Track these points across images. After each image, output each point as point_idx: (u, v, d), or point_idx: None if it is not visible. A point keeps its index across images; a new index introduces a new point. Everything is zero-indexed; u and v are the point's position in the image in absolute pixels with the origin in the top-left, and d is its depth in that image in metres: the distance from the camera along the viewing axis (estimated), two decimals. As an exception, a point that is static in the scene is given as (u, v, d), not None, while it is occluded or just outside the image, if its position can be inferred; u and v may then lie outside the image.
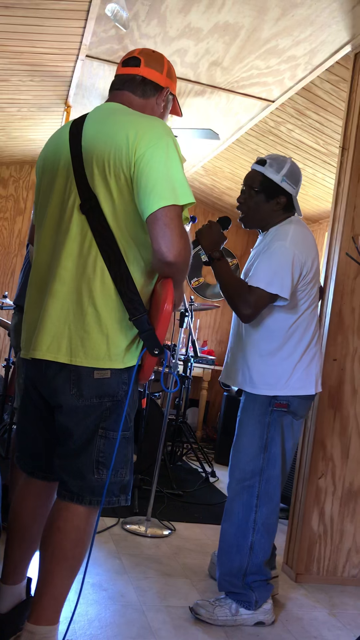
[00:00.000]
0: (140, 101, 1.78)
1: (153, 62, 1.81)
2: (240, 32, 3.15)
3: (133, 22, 3.20)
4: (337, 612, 2.52)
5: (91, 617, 2.14)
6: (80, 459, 1.64)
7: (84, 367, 1.61)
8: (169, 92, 1.85)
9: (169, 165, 1.59)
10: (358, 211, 2.91)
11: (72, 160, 1.67)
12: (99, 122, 1.69)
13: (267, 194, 2.33)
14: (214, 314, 6.81)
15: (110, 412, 1.65)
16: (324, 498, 2.85)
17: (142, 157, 1.58)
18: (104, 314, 1.61)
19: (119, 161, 1.59)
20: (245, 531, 2.25)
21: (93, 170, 1.62)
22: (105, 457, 1.65)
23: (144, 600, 2.34)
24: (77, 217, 1.63)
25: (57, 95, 4.34)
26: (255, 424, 2.27)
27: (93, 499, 1.64)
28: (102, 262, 1.61)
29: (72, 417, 1.64)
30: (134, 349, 1.67)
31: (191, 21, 3.12)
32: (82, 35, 3.35)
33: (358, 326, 2.90)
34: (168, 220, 1.55)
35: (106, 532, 3.01)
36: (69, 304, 1.62)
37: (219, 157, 5.32)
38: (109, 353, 1.62)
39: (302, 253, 2.23)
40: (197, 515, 3.57)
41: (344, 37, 3.04)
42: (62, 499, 1.65)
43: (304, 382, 2.27)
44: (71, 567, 1.64)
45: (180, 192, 1.58)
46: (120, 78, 1.81)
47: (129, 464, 1.71)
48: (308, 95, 3.80)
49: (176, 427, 4.74)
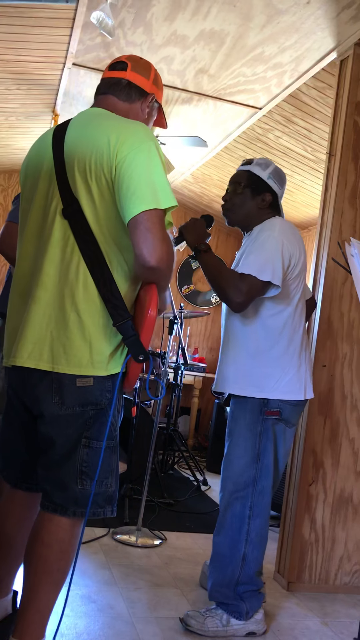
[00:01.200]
0: (124, 105, 1.77)
1: (140, 68, 1.80)
2: (226, 40, 3.16)
3: (119, 30, 3.20)
4: (329, 621, 2.50)
5: (80, 629, 2.11)
6: (63, 469, 1.61)
7: (66, 375, 1.58)
8: (154, 99, 1.83)
9: (150, 169, 1.57)
10: (345, 217, 2.91)
11: (55, 165, 1.65)
12: (82, 127, 1.68)
13: (253, 190, 2.32)
14: (204, 321, 6.80)
15: (94, 420, 1.62)
16: (315, 505, 2.83)
17: (123, 160, 1.56)
18: (86, 320, 1.58)
19: (100, 165, 1.58)
20: (237, 542, 2.20)
21: (75, 175, 1.61)
22: (89, 467, 1.61)
23: (133, 611, 2.30)
24: (59, 222, 1.61)
25: (44, 104, 4.34)
26: (247, 434, 2.21)
27: (77, 510, 1.61)
28: (84, 267, 1.59)
29: (55, 426, 1.61)
30: (118, 355, 1.64)
31: (177, 29, 3.13)
32: (68, 43, 3.35)
33: (347, 332, 2.90)
34: (150, 225, 1.53)
35: (96, 543, 2.98)
36: (51, 310, 1.59)
37: (208, 165, 5.33)
38: (92, 360, 1.59)
39: (291, 243, 2.19)
40: (189, 524, 3.54)
41: (329, 44, 3.06)
42: (46, 511, 1.62)
43: (294, 386, 2.21)
44: (56, 580, 1.60)
45: (162, 196, 1.56)
46: (106, 82, 1.80)
47: (114, 473, 1.67)
48: (295, 102, 3.81)
49: (167, 436, 4.71)
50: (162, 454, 4.70)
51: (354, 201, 2.93)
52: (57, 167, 1.64)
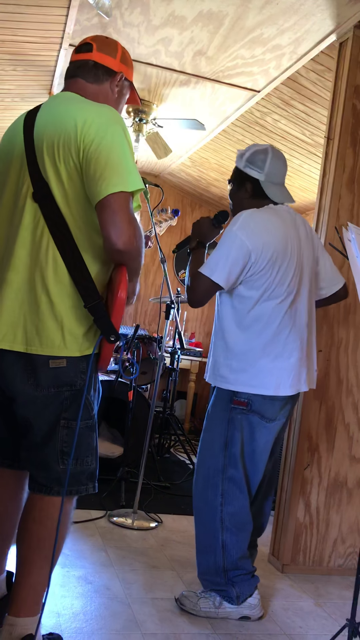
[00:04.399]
0: (93, 87, 1.76)
1: (105, 47, 1.79)
2: (225, 21, 3.12)
3: (116, 11, 3.16)
4: (322, 602, 2.53)
5: (76, 610, 2.13)
6: (44, 451, 1.65)
7: (40, 356, 1.61)
8: (123, 78, 1.82)
9: (117, 151, 1.58)
10: (343, 202, 2.90)
11: (25, 149, 1.67)
12: (51, 112, 1.69)
13: (236, 183, 2.33)
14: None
15: (71, 401, 1.65)
16: (310, 489, 2.85)
17: (90, 143, 1.57)
18: (57, 302, 1.61)
19: (67, 148, 1.59)
20: (214, 531, 2.21)
21: (44, 158, 1.62)
22: (70, 447, 1.65)
23: (129, 592, 2.33)
24: (29, 205, 1.63)
25: (40, 85, 4.29)
26: (217, 420, 2.23)
27: (61, 489, 1.65)
28: (54, 249, 1.61)
29: (31, 408, 1.64)
30: (91, 336, 1.66)
31: (175, 9, 3.09)
32: (64, 23, 3.31)
33: (343, 317, 2.90)
34: (117, 207, 1.54)
35: (92, 525, 3.00)
36: (23, 293, 1.61)
37: (205, 148, 5.29)
38: (64, 341, 1.62)
39: (250, 238, 2.12)
40: (184, 507, 3.56)
41: (328, 26, 3.02)
42: (32, 491, 1.67)
43: (262, 380, 2.15)
44: (47, 557, 1.64)
45: (129, 179, 1.57)
46: (73, 65, 1.79)
47: (94, 452, 1.72)
48: (294, 85, 3.78)
49: (163, 419, 4.73)
50: (159, 437, 4.72)
51: (352, 186, 2.92)
52: (28, 152, 1.66)
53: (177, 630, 2.10)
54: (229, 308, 2.22)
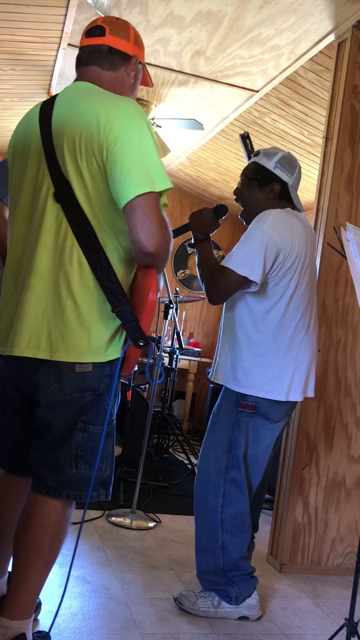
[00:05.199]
0: (109, 75, 1.69)
1: (118, 30, 1.70)
2: (223, 21, 3.12)
3: (115, 10, 3.15)
4: (320, 602, 2.53)
5: (75, 610, 2.13)
6: (58, 452, 1.61)
7: (65, 362, 1.57)
8: (137, 61, 1.75)
9: (142, 149, 1.52)
10: (341, 202, 2.91)
11: (43, 146, 1.60)
12: (69, 104, 1.62)
13: (260, 181, 2.27)
14: (200, 305, 6.80)
15: (91, 405, 1.62)
16: (308, 488, 2.86)
17: (114, 142, 1.51)
18: (83, 307, 1.56)
19: (90, 146, 1.53)
20: (214, 532, 2.21)
21: (65, 157, 1.56)
22: (84, 451, 1.61)
23: (128, 592, 2.33)
24: (51, 205, 1.57)
25: (39, 85, 4.29)
26: (222, 422, 2.22)
27: (71, 493, 1.62)
28: (79, 252, 1.55)
29: (52, 410, 1.60)
30: (116, 341, 1.62)
31: (173, 9, 3.08)
32: (63, 23, 3.30)
33: (342, 317, 2.91)
34: (147, 209, 1.49)
35: (91, 525, 3.00)
36: (47, 297, 1.56)
37: (204, 148, 5.29)
38: (91, 347, 1.57)
39: (281, 237, 2.11)
40: (183, 507, 3.56)
41: (327, 26, 3.03)
42: (39, 493, 1.62)
43: (274, 385, 2.15)
44: (47, 562, 1.62)
45: (157, 178, 1.52)
46: (86, 50, 1.71)
47: (109, 458, 1.67)
48: (292, 85, 3.78)
49: (162, 419, 4.73)
50: (157, 437, 4.72)
51: (350, 186, 2.92)
52: (46, 148, 1.59)
53: (175, 630, 2.10)
54: (246, 309, 2.19)
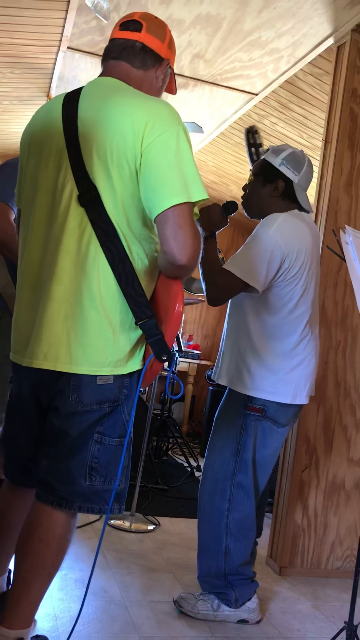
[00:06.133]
0: (138, 73, 1.61)
1: (155, 29, 1.62)
2: (223, 24, 3.13)
3: (114, 13, 3.16)
4: (320, 605, 2.53)
5: (73, 613, 2.13)
6: (71, 462, 1.54)
7: (86, 375, 1.51)
8: (168, 65, 1.68)
9: (180, 157, 1.44)
10: (341, 205, 2.91)
11: (67, 146, 1.50)
12: (98, 102, 1.51)
13: (264, 177, 2.23)
14: (199, 308, 6.81)
15: (109, 417, 1.55)
16: (308, 491, 2.85)
17: (149, 147, 1.43)
18: (107, 317, 1.48)
19: (123, 150, 1.44)
20: (218, 536, 2.20)
21: (93, 159, 1.47)
22: (99, 463, 1.55)
23: (127, 595, 2.33)
24: (74, 209, 1.48)
25: (38, 88, 4.29)
26: (229, 425, 2.20)
27: (83, 505, 1.55)
28: (103, 260, 1.47)
29: (69, 420, 1.54)
30: (137, 353, 1.56)
31: (173, 12, 3.09)
32: (62, 26, 3.31)
33: (341, 319, 2.91)
34: (181, 221, 1.41)
35: (90, 528, 3.00)
36: (68, 306, 1.48)
37: (204, 151, 5.30)
38: (112, 359, 1.51)
39: (287, 244, 2.09)
40: (182, 509, 3.56)
41: (326, 30, 3.03)
42: (47, 504, 1.54)
43: (281, 388, 2.15)
44: (50, 574, 1.57)
45: (193, 188, 1.43)
46: (118, 44, 1.61)
47: (125, 470, 1.60)
48: (291, 88, 3.79)
49: (161, 422, 4.73)
50: (157, 440, 4.72)
51: (350, 189, 2.92)
52: (71, 149, 1.50)
53: (174, 633, 2.09)
54: (253, 312, 2.17)
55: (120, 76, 1.60)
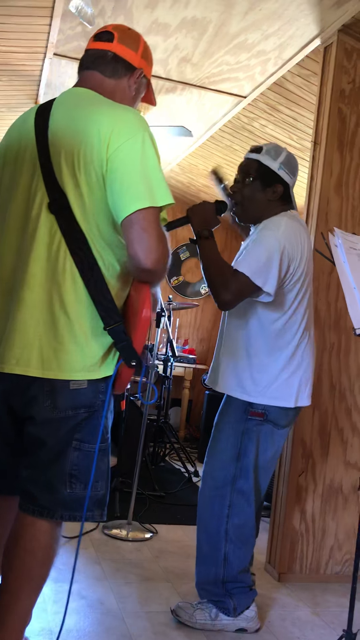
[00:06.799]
0: (110, 82, 1.64)
1: (128, 39, 1.66)
2: (209, 27, 3.12)
3: (99, 19, 3.15)
4: (320, 611, 2.50)
5: (69, 626, 2.10)
6: (51, 471, 1.54)
7: (59, 380, 1.51)
8: (142, 75, 1.69)
9: (145, 162, 1.47)
10: (331, 206, 2.89)
11: (39, 154, 1.54)
12: (68, 111, 1.56)
13: (263, 182, 2.19)
14: (194, 312, 6.78)
15: (86, 423, 1.55)
16: (305, 496, 2.83)
17: (115, 153, 1.46)
18: (77, 323, 1.50)
19: (89, 157, 1.47)
20: (217, 542, 2.17)
21: (61, 166, 1.50)
22: (79, 470, 1.55)
23: (124, 606, 2.30)
24: (45, 216, 1.51)
25: (26, 95, 4.27)
26: (230, 431, 2.17)
27: (64, 513, 1.55)
28: (72, 266, 1.49)
29: (46, 428, 1.54)
30: (110, 357, 1.56)
31: (158, 17, 3.08)
32: (48, 33, 3.29)
33: (334, 321, 2.89)
34: (146, 224, 1.44)
35: (86, 538, 2.97)
36: (39, 312, 1.50)
37: (194, 155, 5.28)
38: (84, 363, 1.52)
39: (293, 248, 2.08)
40: (180, 516, 3.53)
41: (312, 31, 3.02)
42: (31, 514, 1.54)
43: (282, 392, 2.13)
44: (37, 585, 1.56)
45: (158, 193, 1.47)
46: (90, 54, 1.67)
47: (105, 476, 1.60)
48: (280, 90, 3.77)
49: (157, 428, 4.70)
50: (153, 446, 4.69)
51: (340, 190, 2.91)
52: (42, 157, 1.53)
53: (172, 644, 2.07)
54: (254, 317, 2.15)
55: (92, 86, 1.64)
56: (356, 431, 2.91)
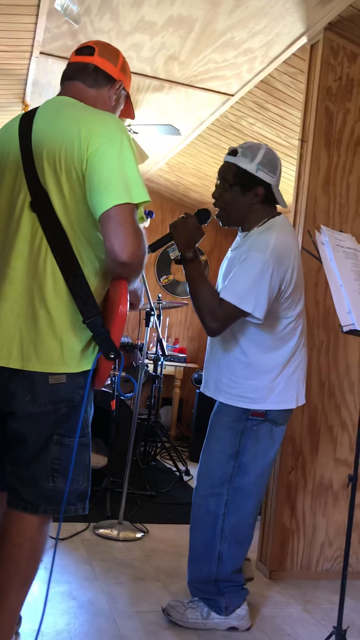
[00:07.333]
0: (91, 92, 1.73)
1: (107, 54, 1.77)
2: (195, 25, 3.11)
3: (85, 17, 3.13)
4: (311, 608, 2.51)
5: (60, 628, 2.09)
6: (33, 467, 1.59)
7: (38, 373, 1.56)
8: (121, 87, 1.79)
9: (122, 162, 1.54)
10: (319, 204, 2.90)
11: (22, 156, 1.61)
12: (50, 116, 1.64)
13: (242, 186, 2.12)
14: (184, 311, 6.78)
15: (67, 417, 1.60)
16: (295, 493, 2.83)
17: (94, 153, 1.53)
18: (56, 317, 1.55)
19: (70, 157, 1.55)
20: (212, 540, 2.16)
21: (43, 166, 1.57)
22: (61, 464, 1.59)
23: (115, 607, 2.29)
24: (27, 214, 1.58)
25: (13, 94, 4.25)
26: (228, 430, 2.16)
27: (48, 507, 1.59)
28: (53, 261, 1.55)
29: (26, 423, 1.58)
30: (89, 352, 1.61)
31: (144, 15, 3.07)
32: (34, 31, 3.27)
33: (323, 319, 2.89)
34: (122, 219, 1.50)
35: (77, 538, 2.96)
36: (19, 306, 1.55)
37: (183, 153, 5.28)
38: (63, 357, 1.56)
39: (282, 266, 2.04)
40: (171, 515, 3.53)
41: (299, 29, 3.02)
42: (15, 509, 1.59)
43: (284, 396, 2.14)
44: (26, 579, 1.59)
45: (135, 190, 1.53)
46: (72, 67, 1.76)
47: (86, 470, 1.66)
48: (267, 88, 3.77)
49: (148, 427, 4.69)
50: (144, 445, 4.68)
51: (327, 188, 2.91)
52: (25, 158, 1.60)
53: (163, 644, 2.06)
54: (250, 330, 2.13)
55: (74, 94, 1.72)
56: (345, 428, 2.92)
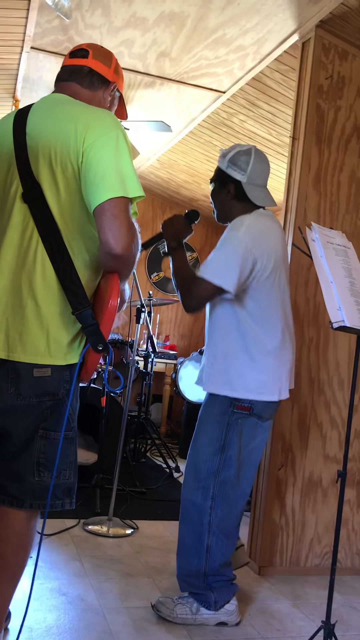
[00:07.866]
0: (87, 93, 1.75)
1: (101, 56, 1.79)
2: (187, 22, 3.11)
3: (77, 12, 3.12)
4: (300, 603, 2.52)
5: (49, 623, 2.09)
6: (19, 461, 1.59)
7: (23, 364, 1.55)
8: (115, 88, 1.82)
9: (118, 157, 1.55)
10: (309, 201, 2.91)
11: (15, 149, 1.62)
12: (45, 112, 1.65)
13: (218, 184, 2.28)
14: (175, 308, 6.78)
15: (51, 411, 1.60)
16: (285, 489, 2.85)
17: (90, 147, 1.54)
18: (44, 308, 1.56)
19: (66, 151, 1.55)
20: (200, 534, 2.18)
21: (38, 160, 1.58)
22: (46, 458, 1.60)
23: (104, 602, 2.29)
24: (19, 206, 1.59)
25: (4, 89, 4.23)
26: (214, 424, 2.18)
27: (34, 502, 1.59)
28: (43, 253, 1.56)
29: (11, 417, 1.58)
30: (76, 345, 1.61)
31: (136, 10, 3.06)
32: (25, 26, 3.25)
33: (313, 316, 2.90)
34: (117, 212, 1.50)
35: (67, 534, 2.95)
36: (8, 296, 1.56)
37: (174, 150, 5.27)
38: (49, 349, 1.56)
39: (257, 245, 2.10)
40: (160, 511, 3.53)
41: (290, 26, 3.03)
42: (2, 504, 1.60)
43: (267, 387, 2.16)
44: (14, 574, 1.60)
45: (130, 185, 1.54)
46: (67, 69, 1.78)
47: (72, 465, 1.66)
48: (259, 85, 3.78)
49: (138, 424, 4.69)
50: (134, 442, 4.68)
51: (318, 185, 2.92)
52: (18, 152, 1.61)
53: (153, 639, 2.07)
54: (231, 316, 2.17)
55: (70, 94, 1.74)
56: (335, 425, 2.93)
